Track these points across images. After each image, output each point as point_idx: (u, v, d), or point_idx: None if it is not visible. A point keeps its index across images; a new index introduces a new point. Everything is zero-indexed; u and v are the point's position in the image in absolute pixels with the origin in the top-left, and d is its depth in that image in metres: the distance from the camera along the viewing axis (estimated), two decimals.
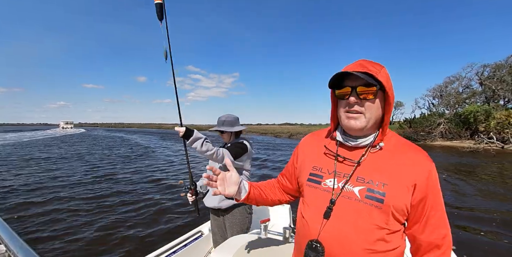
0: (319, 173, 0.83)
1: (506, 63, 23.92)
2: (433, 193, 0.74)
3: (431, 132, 21.54)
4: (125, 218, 4.42)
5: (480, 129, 19.55)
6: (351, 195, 0.75)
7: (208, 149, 1.60)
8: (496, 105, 22.17)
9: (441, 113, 22.98)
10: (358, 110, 0.75)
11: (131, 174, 8.24)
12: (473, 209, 5.01)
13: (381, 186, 0.72)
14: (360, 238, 0.72)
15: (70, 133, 45.98)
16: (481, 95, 24.60)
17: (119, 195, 5.74)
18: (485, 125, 19.20)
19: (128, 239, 3.61)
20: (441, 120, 21.35)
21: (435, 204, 0.74)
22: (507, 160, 12.05)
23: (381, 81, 0.71)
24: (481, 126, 19.65)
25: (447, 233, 0.75)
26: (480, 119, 19.34)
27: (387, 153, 0.78)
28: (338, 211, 0.75)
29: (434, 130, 21.24)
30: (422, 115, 23.83)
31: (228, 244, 1.39)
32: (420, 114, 24.51)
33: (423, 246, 0.76)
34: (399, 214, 0.73)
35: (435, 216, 0.74)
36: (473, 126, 20.21)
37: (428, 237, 0.74)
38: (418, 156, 0.76)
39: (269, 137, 35.78)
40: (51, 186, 6.45)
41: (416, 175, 0.72)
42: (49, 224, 4.08)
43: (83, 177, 7.58)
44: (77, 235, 3.72)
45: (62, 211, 4.70)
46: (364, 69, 0.72)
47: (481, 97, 24.78)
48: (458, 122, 20.65)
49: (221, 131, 1.93)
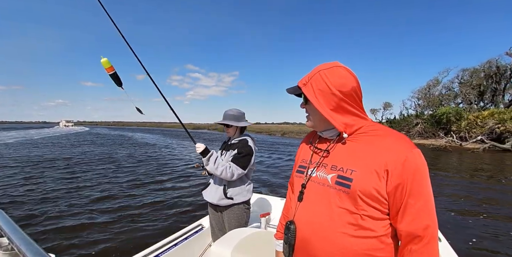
0: (304, 165, 0.91)
1: (480, 68, 25.94)
2: (412, 180, 0.71)
3: (409, 131, 23.53)
4: (134, 214, 4.44)
5: (452, 128, 21.51)
6: (324, 181, 0.81)
7: (218, 165, 1.75)
8: (470, 107, 24.19)
9: (418, 114, 24.99)
10: (306, 113, 0.89)
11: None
12: None
13: (350, 173, 0.76)
14: (331, 220, 0.77)
15: (75, 131, 47.07)
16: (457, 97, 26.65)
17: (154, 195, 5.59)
18: (457, 125, 21.18)
19: (130, 231, 3.72)
20: (418, 120, 23.38)
21: (416, 192, 0.72)
22: (457, 155, 14.19)
23: (303, 93, 0.84)
24: (454, 126, 21.62)
25: (430, 224, 0.72)
26: (452, 119, 21.30)
27: (362, 142, 0.80)
28: (309, 195, 0.84)
29: (412, 129, 23.25)
30: (401, 116, 25.86)
31: (228, 237, 1.41)
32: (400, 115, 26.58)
33: (403, 236, 0.75)
34: (370, 199, 0.74)
35: (415, 206, 0.72)
36: (448, 126, 22.18)
37: (407, 227, 0.73)
38: (396, 143, 0.76)
39: (264, 135, 37.83)
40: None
41: (387, 160, 0.73)
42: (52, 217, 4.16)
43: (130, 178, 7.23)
44: (80, 226, 3.86)
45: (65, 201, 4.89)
46: (299, 82, 0.86)
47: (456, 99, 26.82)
48: (433, 123, 22.65)
49: (227, 125, 1.92)
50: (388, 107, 44.85)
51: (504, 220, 4.47)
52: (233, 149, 1.88)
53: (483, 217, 4.60)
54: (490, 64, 25.32)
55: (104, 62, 1.68)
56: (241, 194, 1.90)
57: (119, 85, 1.74)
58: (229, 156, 1.87)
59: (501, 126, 17.64)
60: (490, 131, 18.24)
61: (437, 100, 26.36)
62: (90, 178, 7.30)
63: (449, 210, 4.95)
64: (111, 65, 1.69)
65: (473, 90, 24.66)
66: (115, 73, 1.71)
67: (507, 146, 15.74)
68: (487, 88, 25.54)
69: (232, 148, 1.89)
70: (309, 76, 0.84)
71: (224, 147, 2.01)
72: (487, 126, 18.58)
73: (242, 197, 1.90)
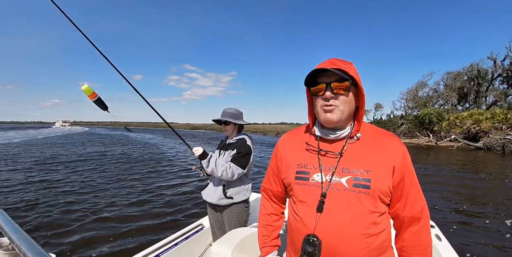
0: (305, 170, 0.85)
1: (463, 71, 27.51)
2: (408, 172, 0.82)
3: (395, 131, 24.98)
4: (133, 211, 4.54)
5: (434, 129, 22.98)
6: (339, 186, 0.79)
7: (218, 166, 1.76)
8: (452, 109, 25.75)
9: (403, 115, 26.49)
10: (333, 104, 0.80)
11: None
12: None
13: (366, 173, 0.78)
14: (355, 224, 0.76)
15: (76, 131, 47.52)
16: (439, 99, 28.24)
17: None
18: (438, 126, 22.65)
19: (130, 231, 3.72)
20: (402, 121, 24.90)
21: (412, 181, 0.82)
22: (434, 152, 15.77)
23: (353, 76, 0.78)
24: (436, 126, 23.09)
25: (424, 205, 0.83)
26: (434, 120, 22.78)
27: (365, 142, 0.83)
28: (329, 203, 0.79)
29: (397, 129, 24.72)
30: (387, 117, 27.40)
31: (228, 236, 1.43)
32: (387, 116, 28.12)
33: (406, 221, 0.83)
34: (384, 196, 0.79)
35: (413, 192, 0.82)
36: (431, 126, 23.66)
37: (409, 212, 0.82)
38: (392, 141, 0.84)
39: (259, 135, 39.17)
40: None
41: (393, 158, 0.80)
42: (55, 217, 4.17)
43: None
44: (79, 225, 3.88)
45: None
46: (336, 66, 0.78)
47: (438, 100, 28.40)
48: (416, 123, 24.12)
49: (225, 122, 1.93)
50: (379, 108, 46.53)
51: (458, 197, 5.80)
52: (232, 149, 1.90)
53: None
54: (472, 67, 26.89)
55: (86, 89, 1.63)
56: (241, 193, 1.92)
57: (104, 109, 1.74)
58: (228, 156, 1.89)
59: (476, 126, 19.14)
60: (467, 130, 19.73)
61: (421, 102, 27.93)
62: (90, 177, 7.47)
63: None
64: (93, 91, 1.65)
65: (454, 92, 26.24)
66: (98, 98, 1.69)
67: (479, 145, 17.17)
68: (470, 90, 27.11)
69: (231, 148, 1.91)
70: (345, 64, 0.81)
71: (222, 147, 2.02)
72: (465, 126, 20.10)
73: (241, 196, 1.92)
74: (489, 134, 17.46)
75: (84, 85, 1.62)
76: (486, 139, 17.15)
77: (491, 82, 26.30)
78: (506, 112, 18.56)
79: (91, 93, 1.64)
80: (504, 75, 24.82)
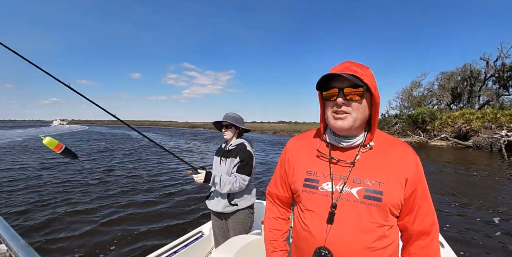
0: (314, 178, 0.82)
1: (457, 72, 28.16)
2: (421, 184, 0.78)
3: (389, 130, 25.64)
4: (133, 215, 4.49)
5: (427, 128, 23.63)
6: (349, 196, 0.76)
7: (225, 184, 1.75)
8: (444, 108, 26.44)
9: (398, 114, 27.18)
10: (346, 111, 0.77)
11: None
12: None
13: (378, 185, 0.74)
14: (364, 237, 0.74)
15: (77, 130, 47.53)
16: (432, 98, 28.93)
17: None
18: (431, 125, 23.31)
19: (130, 237, 3.67)
20: (396, 120, 25.58)
21: (424, 194, 0.78)
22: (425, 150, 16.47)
23: (367, 83, 0.74)
24: (429, 125, 23.74)
25: (434, 219, 0.79)
26: (427, 119, 23.43)
27: (377, 151, 0.80)
28: (340, 215, 0.76)
29: (391, 128, 25.39)
30: (382, 116, 28.06)
31: (229, 244, 1.40)
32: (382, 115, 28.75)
33: (414, 235, 0.79)
34: (395, 209, 0.76)
35: (424, 206, 0.78)
36: (424, 125, 24.32)
37: (419, 226, 0.78)
38: (405, 151, 0.80)
39: (257, 133, 39.82)
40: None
41: (406, 170, 0.77)
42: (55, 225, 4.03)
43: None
44: (77, 231, 3.79)
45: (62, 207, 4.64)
46: (351, 71, 0.75)
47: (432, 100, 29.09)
48: (410, 122, 24.79)
49: (227, 126, 1.92)
50: None
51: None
52: (234, 157, 1.87)
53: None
54: (466, 68, 27.54)
55: (48, 142, 1.45)
56: (246, 198, 1.92)
57: (74, 158, 1.64)
58: (230, 164, 1.87)
59: (467, 125, 19.79)
60: (459, 129, 20.40)
61: (415, 101, 28.60)
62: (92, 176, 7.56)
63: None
64: (57, 142, 1.49)
65: (447, 92, 26.94)
66: (65, 149, 1.55)
67: (469, 143, 17.83)
68: (464, 90, 27.77)
69: (232, 156, 1.89)
70: (361, 68, 0.78)
71: (222, 154, 1.97)
72: (456, 126, 20.76)
73: (246, 202, 1.92)
74: (478, 133, 18.09)
75: (46, 139, 1.45)
76: (475, 138, 17.80)
77: (484, 82, 26.96)
78: (496, 112, 19.21)
79: (55, 145, 1.49)
80: (496, 76, 25.47)
